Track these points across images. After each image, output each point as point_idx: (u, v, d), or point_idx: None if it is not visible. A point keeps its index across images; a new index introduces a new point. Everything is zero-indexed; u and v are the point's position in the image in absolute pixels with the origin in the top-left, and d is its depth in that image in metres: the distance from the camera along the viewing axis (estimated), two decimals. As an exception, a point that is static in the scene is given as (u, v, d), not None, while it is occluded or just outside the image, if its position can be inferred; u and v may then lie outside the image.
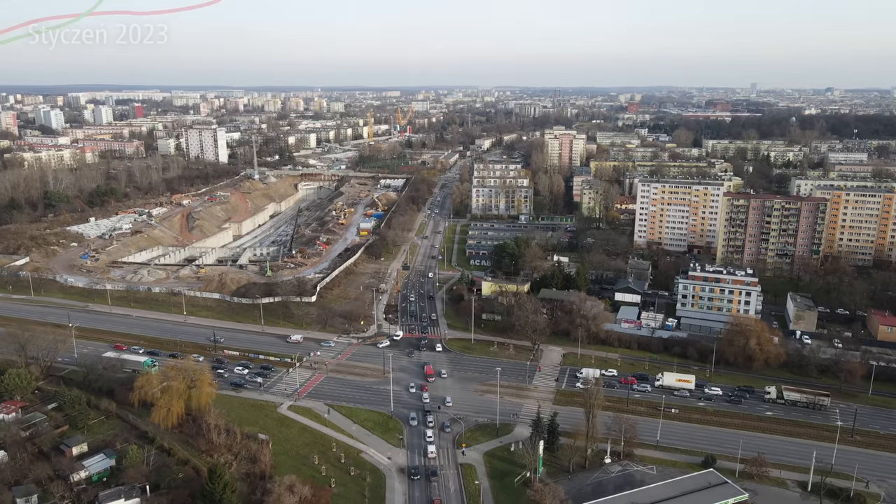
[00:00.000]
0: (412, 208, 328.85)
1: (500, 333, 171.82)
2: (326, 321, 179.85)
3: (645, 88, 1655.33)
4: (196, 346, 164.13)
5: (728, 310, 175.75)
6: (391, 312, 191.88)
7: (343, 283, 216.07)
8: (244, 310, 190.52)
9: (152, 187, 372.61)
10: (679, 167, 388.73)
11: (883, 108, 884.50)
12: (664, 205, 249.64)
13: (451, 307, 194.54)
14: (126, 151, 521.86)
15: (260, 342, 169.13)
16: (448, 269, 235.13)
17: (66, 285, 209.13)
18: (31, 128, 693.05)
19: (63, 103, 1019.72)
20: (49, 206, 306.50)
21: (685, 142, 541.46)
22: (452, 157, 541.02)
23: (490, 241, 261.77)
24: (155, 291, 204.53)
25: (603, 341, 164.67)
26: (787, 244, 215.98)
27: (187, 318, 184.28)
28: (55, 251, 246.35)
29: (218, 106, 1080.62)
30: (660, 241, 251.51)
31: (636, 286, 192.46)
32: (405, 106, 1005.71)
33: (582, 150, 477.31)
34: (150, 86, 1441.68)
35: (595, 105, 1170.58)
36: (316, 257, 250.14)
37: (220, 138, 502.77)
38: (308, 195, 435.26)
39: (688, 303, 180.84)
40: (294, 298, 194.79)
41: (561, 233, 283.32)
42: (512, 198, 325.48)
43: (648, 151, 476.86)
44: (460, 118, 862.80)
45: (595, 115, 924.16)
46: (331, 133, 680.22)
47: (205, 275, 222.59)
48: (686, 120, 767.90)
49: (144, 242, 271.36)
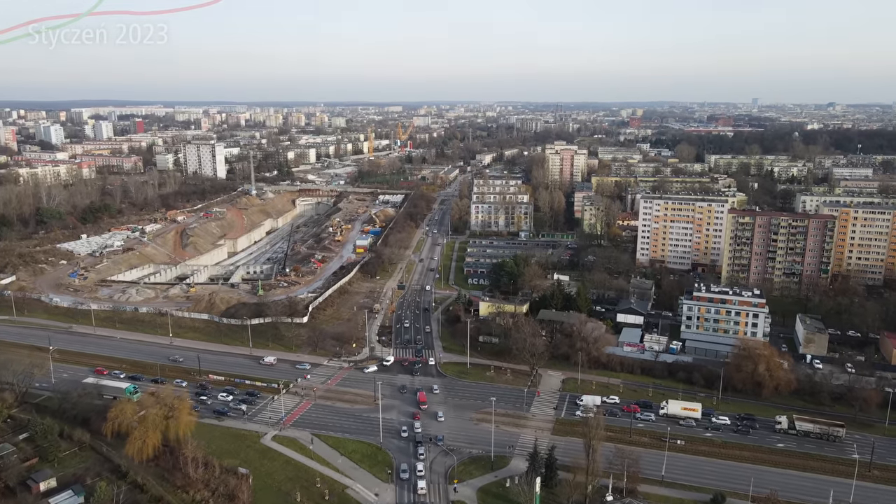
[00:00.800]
0: (410, 225, 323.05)
1: (497, 357, 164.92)
2: (317, 344, 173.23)
3: (646, 103, 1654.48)
4: (180, 371, 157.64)
5: (735, 332, 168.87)
6: (385, 334, 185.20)
7: (336, 302, 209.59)
8: (233, 331, 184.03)
9: (148, 203, 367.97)
10: (682, 183, 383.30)
11: (886, 123, 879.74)
12: (667, 222, 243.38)
13: (446, 328, 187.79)
14: (124, 167, 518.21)
15: (247, 366, 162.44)
16: (445, 288, 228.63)
17: (51, 305, 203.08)
18: (32, 143, 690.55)
19: (66, 118, 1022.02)
20: (40, 222, 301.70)
21: (687, 157, 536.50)
22: (453, 173, 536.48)
23: (489, 259, 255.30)
24: (142, 312, 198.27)
25: (604, 365, 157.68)
26: (794, 263, 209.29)
27: (173, 340, 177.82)
28: (43, 269, 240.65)
29: (219, 121, 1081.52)
30: (663, 259, 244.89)
31: (639, 307, 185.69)
32: (406, 121, 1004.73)
33: (583, 165, 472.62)
34: (153, 101, 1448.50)
35: (597, 120, 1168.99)
36: (310, 276, 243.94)
37: (218, 153, 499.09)
38: (306, 211, 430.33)
39: (692, 325, 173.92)
40: (285, 319, 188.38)
41: (561, 250, 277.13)
42: (512, 214, 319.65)
43: (650, 167, 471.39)
44: (461, 133, 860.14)
45: (597, 130, 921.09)
46: (331, 148, 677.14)
47: (195, 294, 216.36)
48: (688, 135, 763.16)
49: (136, 260, 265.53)
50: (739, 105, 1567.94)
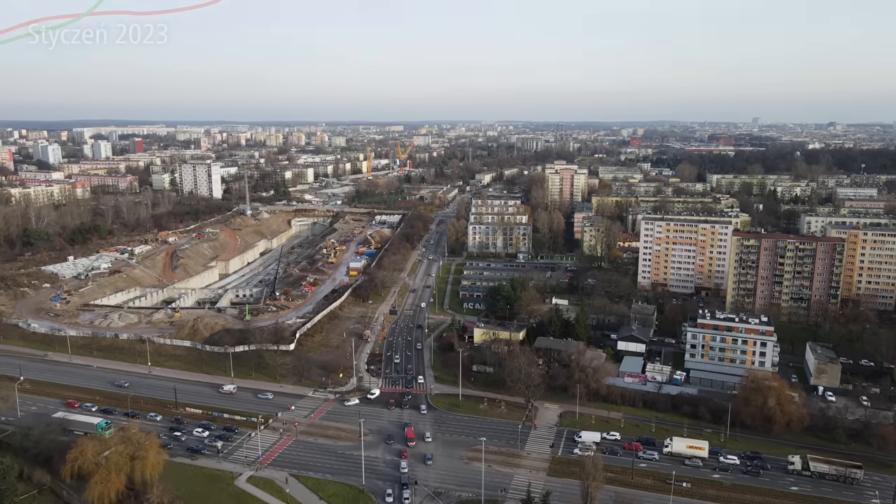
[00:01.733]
0: (406, 246, 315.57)
1: (491, 388, 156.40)
2: (302, 373, 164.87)
3: (647, 122, 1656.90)
4: (156, 403, 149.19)
5: (742, 361, 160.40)
6: (375, 363, 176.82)
7: (326, 328, 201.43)
8: (215, 359, 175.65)
9: (140, 224, 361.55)
10: (684, 203, 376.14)
11: (887, 143, 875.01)
12: (669, 244, 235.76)
13: (439, 357, 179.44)
14: (119, 187, 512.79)
15: (227, 398, 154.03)
16: (439, 313, 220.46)
17: (28, 331, 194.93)
18: (30, 163, 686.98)
19: (67, 138, 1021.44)
20: (27, 244, 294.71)
21: (689, 176, 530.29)
22: (451, 193, 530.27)
23: (485, 283, 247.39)
24: (122, 338, 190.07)
25: (604, 398, 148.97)
26: (802, 287, 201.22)
27: (152, 370, 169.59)
28: (25, 293, 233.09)
29: (220, 140, 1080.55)
30: (665, 283, 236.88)
31: (640, 334, 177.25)
32: (407, 140, 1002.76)
33: (583, 184, 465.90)
34: (155, 121, 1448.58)
35: (597, 139, 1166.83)
36: (300, 300, 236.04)
37: (214, 173, 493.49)
38: (302, 231, 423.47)
39: (697, 353, 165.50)
40: (270, 347, 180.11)
41: (561, 273, 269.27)
42: (510, 235, 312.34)
43: (652, 186, 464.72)
44: (461, 152, 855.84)
45: (597, 150, 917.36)
46: (329, 167, 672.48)
47: (179, 319, 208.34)
48: (689, 154, 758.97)
49: (122, 283, 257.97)
50: (740, 124, 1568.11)
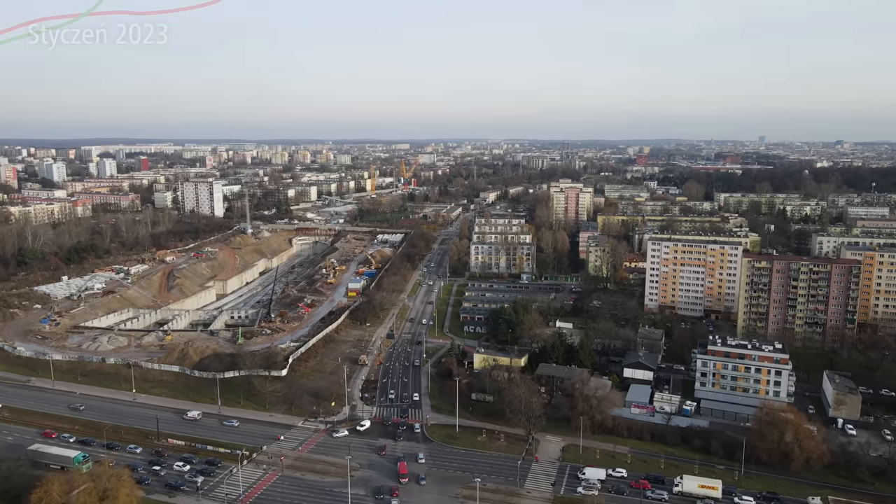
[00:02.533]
0: (407, 266, 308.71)
1: (490, 418, 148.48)
2: (293, 401, 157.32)
3: (653, 141, 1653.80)
4: (138, 434, 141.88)
5: (755, 391, 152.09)
6: (370, 390, 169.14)
7: (320, 353, 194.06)
8: (204, 386, 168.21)
9: (138, 242, 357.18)
10: (691, 222, 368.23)
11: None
12: (677, 265, 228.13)
13: (437, 383, 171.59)
14: (121, 205, 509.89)
15: (213, 428, 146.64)
16: (439, 337, 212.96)
17: (13, 355, 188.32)
18: (34, 181, 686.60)
19: (74, 156, 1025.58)
20: (22, 263, 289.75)
21: (696, 195, 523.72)
22: (455, 211, 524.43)
23: (487, 305, 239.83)
24: (108, 363, 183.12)
25: (610, 430, 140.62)
26: (817, 312, 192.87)
27: (137, 397, 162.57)
28: (14, 314, 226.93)
29: (225, 158, 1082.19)
30: (673, 306, 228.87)
31: (648, 361, 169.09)
32: (412, 158, 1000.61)
33: (589, 203, 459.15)
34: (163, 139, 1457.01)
35: (603, 157, 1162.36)
36: (296, 322, 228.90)
37: (215, 191, 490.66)
38: (303, 250, 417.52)
39: (708, 382, 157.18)
40: (261, 372, 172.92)
41: (565, 294, 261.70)
42: (513, 255, 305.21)
43: (658, 205, 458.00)
44: (466, 171, 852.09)
45: (603, 168, 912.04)
46: (333, 186, 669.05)
47: (169, 342, 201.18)
48: (696, 172, 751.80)
49: (115, 304, 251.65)
50: (746, 143, 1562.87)
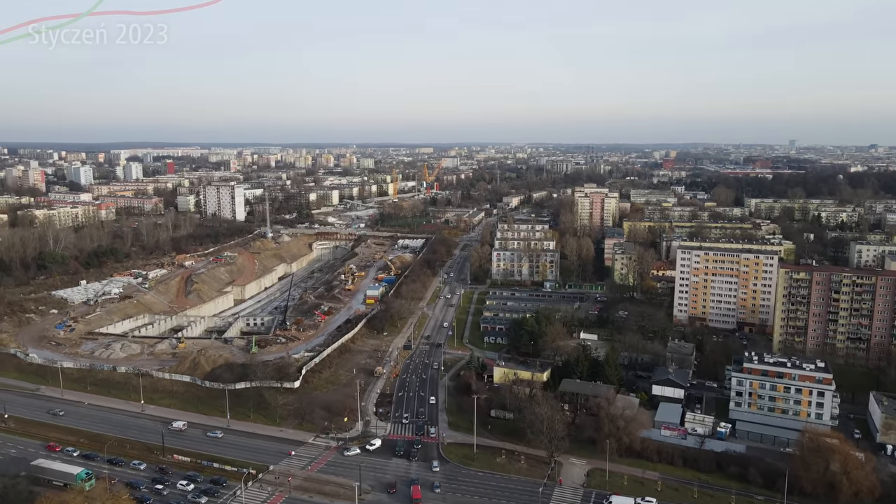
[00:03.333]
0: (427, 273, 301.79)
1: (510, 437, 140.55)
2: (304, 415, 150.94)
3: (679, 145, 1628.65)
4: (143, 448, 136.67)
5: (795, 413, 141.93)
6: (384, 404, 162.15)
7: (335, 363, 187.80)
8: (214, 397, 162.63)
9: (159, 246, 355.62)
10: (721, 229, 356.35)
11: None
12: (708, 275, 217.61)
13: (455, 398, 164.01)
14: (144, 208, 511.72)
15: (221, 443, 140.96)
16: (458, 348, 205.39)
17: (25, 362, 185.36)
18: (62, 184, 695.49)
19: (104, 160, 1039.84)
20: (42, 267, 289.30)
21: (725, 200, 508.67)
22: (478, 216, 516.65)
23: (508, 314, 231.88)
24: (119, 371, 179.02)
25: (638, 453, 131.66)
26: (860, 327, 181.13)
27: (145, 408, 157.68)
28: (30, 319, 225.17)
29: (250, 162, 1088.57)
30: (704, 317, 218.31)
31: (678, 377, 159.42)
32: (435, 162, 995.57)
33: (614, 208, 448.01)
34: (190, 143, 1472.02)
35: (629, 161, 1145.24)
36: (312, 330, 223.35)
37: (237, 195, 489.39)
38: (323, 255, 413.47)
39: (743, 402, 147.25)
40: (273, 384, 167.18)
41: (589, 304, 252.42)
42: (536, 262, 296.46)
43: (686, 211, 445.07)
44: (490, 174, 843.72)
45: (629, 172, 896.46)
46: (355, 189, 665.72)
47: (182, 350, 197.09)
48: (725, 177, 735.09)
49: (132, 309, 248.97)
50: (776, 147, 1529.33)
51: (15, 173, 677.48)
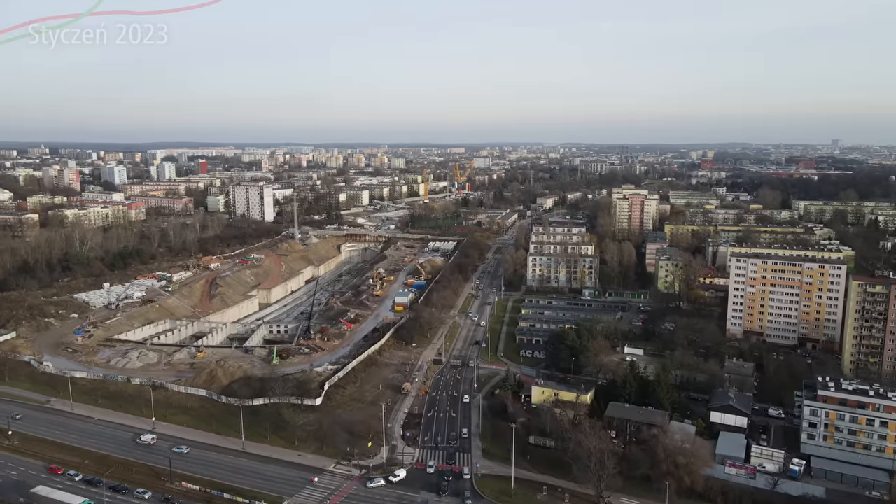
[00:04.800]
0: (458, 278, 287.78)
1: (552, 470, 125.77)
2: (325, 438, 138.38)
3: (717, 145, 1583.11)
4: (150, 473, 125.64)
5: (880, 449, 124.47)
6: (412, 426, 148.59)
7: (361, 377, 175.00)
8: (230, 414, 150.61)
9: (185, 248, 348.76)
10: (772, 233, 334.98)
11: None
12: (766, 285, 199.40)
13: (489, 421, 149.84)
14: (175, 208, 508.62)
15: (235, 468, 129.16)
16: (492, 362, 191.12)
17: (38, 371, 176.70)
18: (96, 184, 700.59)
19: (140, 160, 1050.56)
20: (66, 269, 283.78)
21: (772, 203, 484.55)
22: (511, 218, 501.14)
23: (546, 325, 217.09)
24: (133, 383, 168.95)
25: (700, 495, 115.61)
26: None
27: (156, 425, 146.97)
28: (49, 324, 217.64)
29: (282, 162, 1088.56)
30: (761, 332, 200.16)
31: (740, 403, 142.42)
32: (467, 162, 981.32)
33: (654, 211, 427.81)
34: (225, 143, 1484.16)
35: (665, 162, 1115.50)
36: (337, 340, 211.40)
37: (266, 195, 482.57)
38: (352, 258, 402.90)
39: (818, 434, 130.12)
40: (293, 400, 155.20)
41: (632, 314, 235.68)
42: (574, 268, 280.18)
43: (731, 213, 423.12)
44: (522, 175, 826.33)
45: (665, 173, 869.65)
46: (385, 190, 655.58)
47: (201, 360, 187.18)
48: (768, 178, 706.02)
49: (154, 314, 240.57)
50: (818, 146, 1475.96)
51: (51, 173, 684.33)
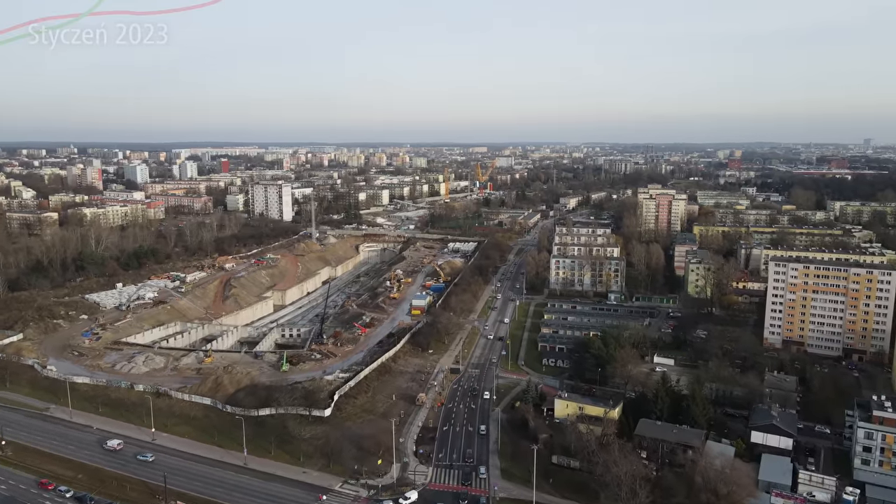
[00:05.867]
0: (478, 280, 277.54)
1: (577, 493, 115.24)
2: (332, 454, 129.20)
3: (744, 144, 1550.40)
4: (144, 490, 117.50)
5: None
6: (426, 442, 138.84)
7: (373, 386, 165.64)
8: (234, 425, 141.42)
9: (202, 247, 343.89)
10: (808, 235, 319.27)
11: None
12: (808, 292, 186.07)
13: (508, 437, 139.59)
14: (194, 207, 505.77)
15: (235, 485, 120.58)
16: (513, 371, 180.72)
17: (40, 376, 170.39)
18: (119, 182, 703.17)
19: (164, 159, 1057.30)
20: (80, 268, 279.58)
21: (806, 203, 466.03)
22: (533, 218, 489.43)
23: (570, 331, 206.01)
24: (136, 390, 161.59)
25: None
26: None
27: (156, 436, 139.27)
28: (57, 326, 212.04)
29: (303, 161, 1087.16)
30: (801, 341, 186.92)
31: (785, 422, 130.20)
32: (489, 161, 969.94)
33: (682, 211, 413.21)
34: (249, 142, 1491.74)
35: (691, 161, 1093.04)
36: (351, 345, 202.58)
37: (284, 194, 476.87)
38: (370, 258, 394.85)
39: (873, 460, 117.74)
40: (301, 411, 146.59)
41: (661, 320, 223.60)
42: (599, 271, 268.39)
43: (763, 214, 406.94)
44: (545, 174, 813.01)
45: (692, 173, 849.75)
46: (405, 189, 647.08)
47: (208, 365, 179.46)
48: (800, 178, 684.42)
49: (165, 316, 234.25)
50: (850, 146, 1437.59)
51: (74, 171, 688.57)
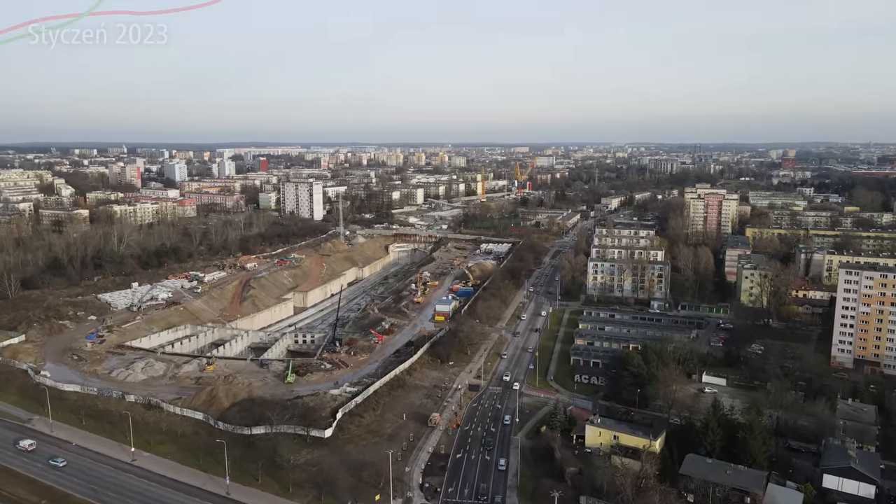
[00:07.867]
0: (509, 285, 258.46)
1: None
2: (325, 484, 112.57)
3: (797, 144, 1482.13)
4: None
5: None
6: (435, 472, 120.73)
7: (383, 403, 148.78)
8: (222, 446, 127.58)
9: (226, 246, 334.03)
10: (877, 239, 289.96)
11: None
12: (885, 304, 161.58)
13: (530, 469, 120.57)
14: (226, 205, 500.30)
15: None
16: (541, 387, 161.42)
17: (31, 383, 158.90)
18: (158, 180, 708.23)
19: (208, 158, 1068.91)
20: (98, 266, 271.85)
21: (869, 205, 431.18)
22: (572, 218, 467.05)
23: (606, 343, 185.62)
24: (127, 401, 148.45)
25: None
26: None
27: (137, 456, 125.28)
28: (63, 326, 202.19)
29: (342, 160, 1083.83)
30: (877, 361, 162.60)
31: (865, 466, 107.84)
32: (529, 161, 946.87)
33: (733, 213, 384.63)
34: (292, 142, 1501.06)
35: (741, 161, 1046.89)
36: (365, 354, 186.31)
37: (315, 192, 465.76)
38: (400, 259, 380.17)
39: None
40: (298, 430, 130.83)
41: (711, 332, 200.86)
42: (641, 276, 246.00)
43: (823, 216, 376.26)
44: (587, 174, 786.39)
45: (743, 172, 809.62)
46: (441, 188, 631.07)
47: (210, 374, 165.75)
48: (862, 178, 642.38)
49: (176, 318, 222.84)
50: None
51: (115, 169, 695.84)
